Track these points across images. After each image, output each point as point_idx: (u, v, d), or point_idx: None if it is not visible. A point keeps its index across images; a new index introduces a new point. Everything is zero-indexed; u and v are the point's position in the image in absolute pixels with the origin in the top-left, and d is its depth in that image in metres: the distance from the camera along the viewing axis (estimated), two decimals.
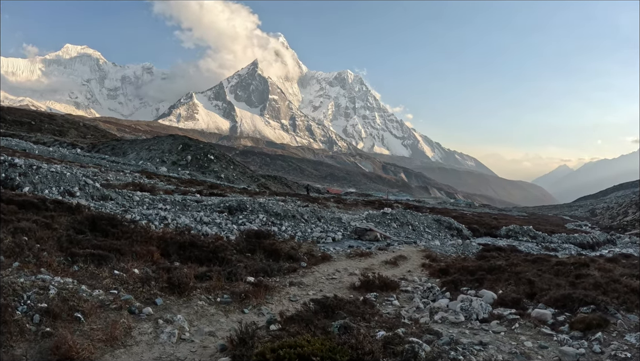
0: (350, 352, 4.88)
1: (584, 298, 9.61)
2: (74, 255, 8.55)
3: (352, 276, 13.11)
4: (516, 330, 7.63)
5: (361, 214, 32.28)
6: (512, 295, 10.23)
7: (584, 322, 7.80)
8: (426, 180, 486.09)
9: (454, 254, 21.46)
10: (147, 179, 34.76)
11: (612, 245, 36.97)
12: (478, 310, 8.54)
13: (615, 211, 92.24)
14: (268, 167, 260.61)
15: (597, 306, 9.15)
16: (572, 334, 7.47)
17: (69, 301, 6.11)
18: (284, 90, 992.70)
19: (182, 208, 22.17)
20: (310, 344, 4.83)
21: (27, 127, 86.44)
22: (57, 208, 13.02)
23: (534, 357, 6.38)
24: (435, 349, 5.67)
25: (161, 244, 11.32)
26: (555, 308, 9.17)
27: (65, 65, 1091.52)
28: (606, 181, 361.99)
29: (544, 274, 13.63)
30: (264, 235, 15.82)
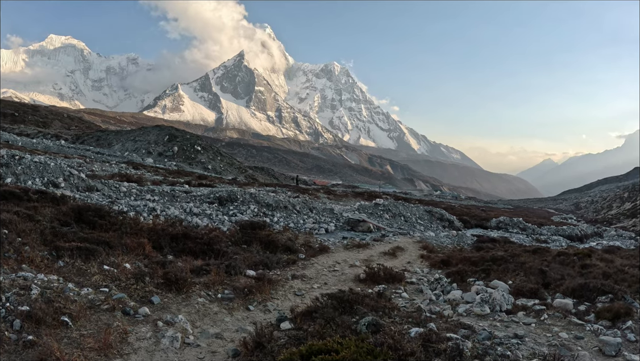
0: (391, 354, 4.22)
1: (602, 287, 9.44)
2: (59, 249, 7.79)
3: (353, 268, 12.78)
4: (546, 321, 7.33)
5: (352, 205, 31.83)
6: (528, 285, 10.06)
7: (612, 311, 7.61)
8: (412, 172, 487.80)
9: (449, 245, 21.32)
10: (133, 170, 33.91)
11: (600, 238, 37.29)
12: (501, 301, 8.19)
13: (600, 204, 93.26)
14: (254, 159, 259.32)
15: (614, 295, 9.06)
16: (601, 323, 7.29)
17: (54, 303, 5.34)
18: (270, 82, 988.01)
19: (171, 198, 21.52)
20: (344, 347, 4.15)
21: (10, 119, 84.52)
22: (40, 199, 12.18)
23: (573, 348, 6.06)
24: (478, 345, 5.15)
25: (152, 236, 10.62)
26: (574, 298, 9.10)
27: (49, 56, 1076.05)
28: (590, 175, 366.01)
29: (550, 264, 13.31)
30: (259, 226, 15.17)
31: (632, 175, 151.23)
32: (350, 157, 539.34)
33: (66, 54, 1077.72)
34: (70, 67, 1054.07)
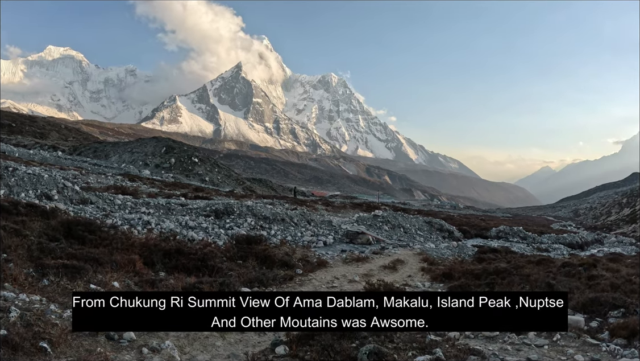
0: None
1: (613, 301, 9.04)
2: (44, 267, 7.42)
3: (352, 283, 12.44)
4: (559, 342, 6.91)
5: (351, 217, 31.49)
6: None
7: (627, 328, 7.21)
8: (410, 182, 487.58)
9: (450, 256, 21.09)
10: (129, 182, 33.56)
11: (600, 245, 37.13)
12: None
13: (599, 211, 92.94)
14: (252, 171, 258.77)
15: (626, 309, 8.83)
16: (616, 342, 6.92)
17: (34, 327, 4.97)
18: (267, 93, 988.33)
19: (167, 211, 21.18)
20: None
21: (7, 130, 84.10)
22: (29, 213, 11.81)
23: None
24: None
25: (144, 252, 10.28)
26: (584, 313, 8.79)
27: (47, 67, 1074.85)
28: (588, 182, 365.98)
29: (556, 276, 13.03)
30: (255, 240, 14.81)
31: (630, 180, 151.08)
32: (348, 168, 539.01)
33: (64, 65, 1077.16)
34: (68, 78, 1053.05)
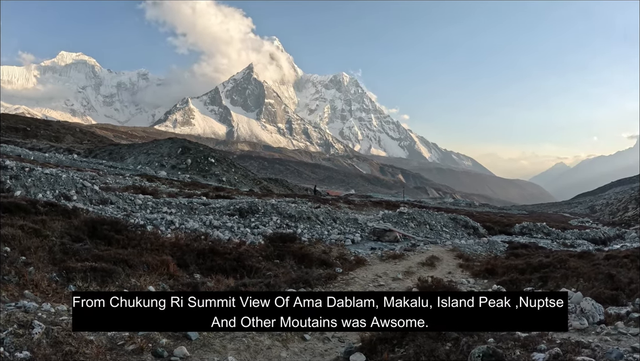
0: None
1: None
2: (70, 270, 6.48)
3: (397, 281, 11.69)
4: None
5: (376, 214, 30.69)
6: (606, 292, 9.34)
7: None
8: (424, 181, 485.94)
9: (483, 253, 20.55)
10: (148, 183, 32.89)
11: (622, 240, 36.18)
12: (592, 311, 7.23)
13: (615, 207, 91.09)
14: (266, 171, 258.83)
15: None
16: None
17: (63, 345, 3.97)
18: (279, 94, 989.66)
19: (189, 211, 20.43)
20: None
21: (22, 134, 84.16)
22: (49, 212, 10.90)
23: None
24: None
25: (176, 253, 9.35)
26: None
27: (60, 72, 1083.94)
28: (603, 177, 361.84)
29: (613, 269, 12.56)
30: (290, 238, 13.92)
31: None
32: (361, 168, 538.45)
33: (77, 70, 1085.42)
34: (81, 83, 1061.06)
